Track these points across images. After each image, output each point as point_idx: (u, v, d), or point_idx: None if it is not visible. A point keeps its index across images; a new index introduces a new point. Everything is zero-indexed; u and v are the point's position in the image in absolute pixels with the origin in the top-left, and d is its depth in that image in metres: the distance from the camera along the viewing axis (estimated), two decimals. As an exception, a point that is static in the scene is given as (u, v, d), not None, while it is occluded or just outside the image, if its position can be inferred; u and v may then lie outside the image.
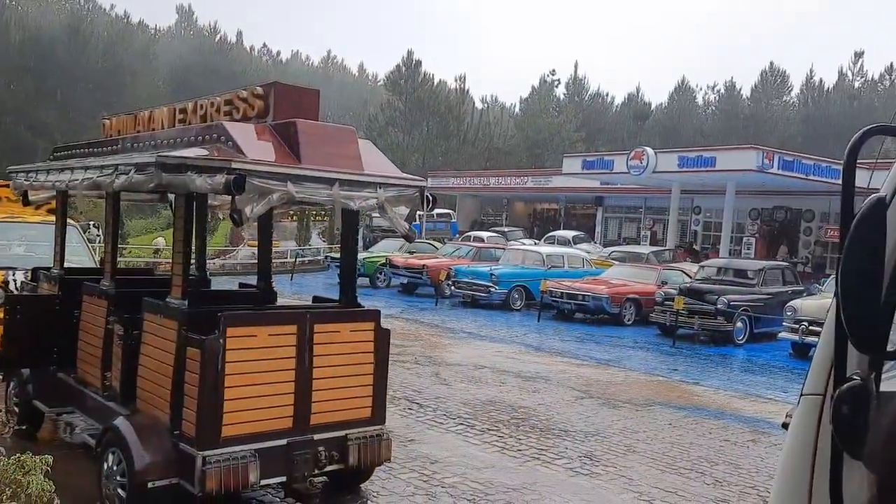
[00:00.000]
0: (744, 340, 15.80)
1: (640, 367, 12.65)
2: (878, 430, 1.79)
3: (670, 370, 12.66)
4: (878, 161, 2.30)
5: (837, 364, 1.89)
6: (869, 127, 1.88)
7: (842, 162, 1.84)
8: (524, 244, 29.33)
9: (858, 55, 62.50)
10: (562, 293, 18.09)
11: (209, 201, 6.66)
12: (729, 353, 15.04)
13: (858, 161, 1.86)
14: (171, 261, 5.45)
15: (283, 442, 4.95)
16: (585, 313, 18.19)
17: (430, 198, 5.40)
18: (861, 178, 2.28)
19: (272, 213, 6.11)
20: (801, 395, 2.21)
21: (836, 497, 1.93)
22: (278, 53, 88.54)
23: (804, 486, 2.12)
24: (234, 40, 76.70)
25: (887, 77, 59.48)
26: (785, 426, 2.40)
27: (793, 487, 2.17)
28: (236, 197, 4.37)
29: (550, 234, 34.20)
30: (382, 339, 5.44)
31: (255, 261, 7.73)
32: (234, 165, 4.38)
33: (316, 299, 6.22)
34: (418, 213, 6.50)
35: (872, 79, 61.32)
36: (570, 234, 33.58)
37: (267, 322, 5.01)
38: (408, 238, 5.44)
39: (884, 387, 2.08)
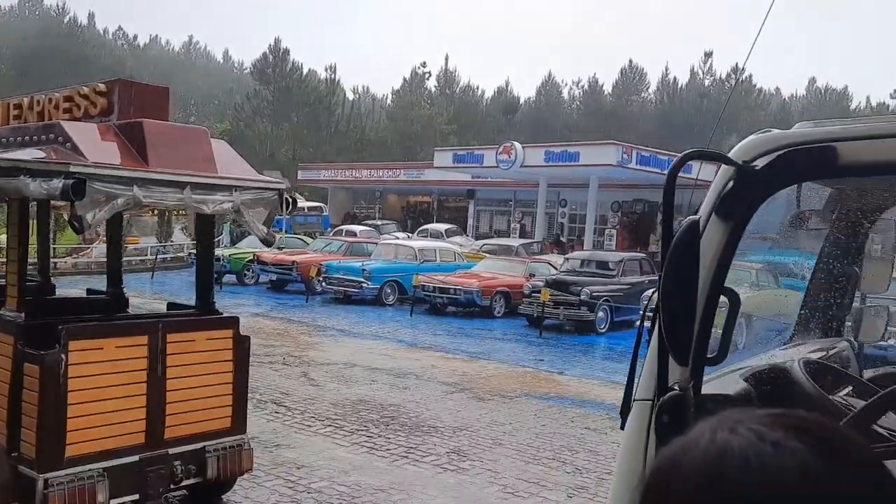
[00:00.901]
0: (605, 329, 16.53)
1: (508, 359, 12.97)
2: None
3: (537, 360, 13.06)
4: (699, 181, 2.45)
5: (659, 374, 2.00)
6: (687, 152, 2.00)
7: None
8: (397, 238, 29.40)
9: (708, 55, 66.87)
10: (434, 287, 18.27)
11: (52, 202, 6.24)
12: (592, 341, 15.70)
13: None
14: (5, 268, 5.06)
15: (136, 458, 4.72)
16: (457, 307, 18.44)
17: (290, 200, 5.29)
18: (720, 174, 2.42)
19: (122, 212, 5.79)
20: (634, 399, 2.33)
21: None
22: (135, 38, 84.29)
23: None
24: (85, 23, 72.17)
25: (733, 76, 63.79)
26: (623, 426, 2.53)
27: (627, 486, 2.29)
28: (76, 203, 4.11)
29: (423, 227, 34.44)
30: (242, 347, 5.28)
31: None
32: (72, 169, 4.11)
33: (171, 306, 5.96)
34: (278, 217, 6.27)
35: (720, 78, 65.68)
36: (442, 227, 33.92)
37: (115, 334, 4.75)
38: (266, 242, 5.31)
39: (707, 389, 2.24)
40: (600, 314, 16.44)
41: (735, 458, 0.63)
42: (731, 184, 2.07)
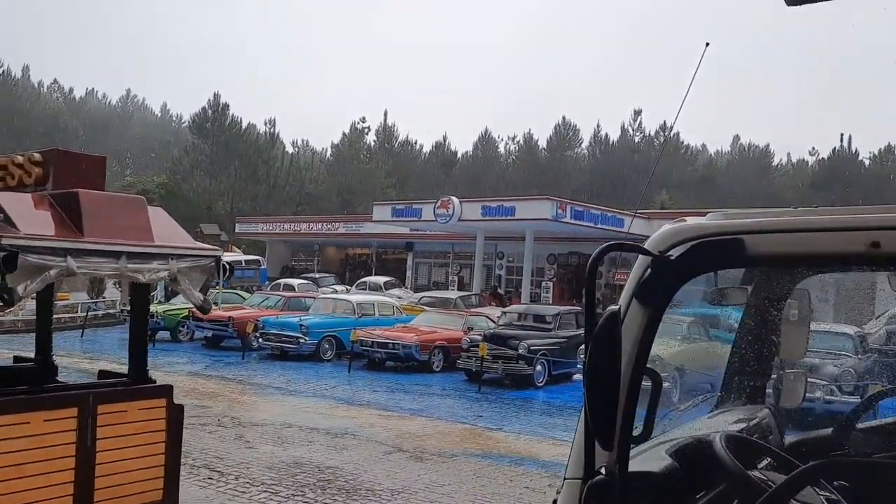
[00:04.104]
0: (543, 383, 16.67)
1: (446, 416, 12.95)
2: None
3: (475, 417, 13.07)
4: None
5: (587, 457, 2.09)
6: (607, 244, 2.13)
7: (630, 213, 2.09)
8: (336, 291, 29.24)
9: (637, 113, 69.30)
10: (372, 342, 18.18)
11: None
12: (530, 395, 15.80)
13: (639, 210, 2.12)
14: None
15: (62, 535, 4.56)
16: (396, 361, 18.35)
17: (227, 267, 5.29)
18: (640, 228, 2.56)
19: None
20: (564, 478, 2.41)
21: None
22: (71, 90, 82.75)
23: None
24: (19, 75, 70.70)
25: (662, 133, 66.26)
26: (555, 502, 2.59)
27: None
28: (7, 275, 4.04)
29: (362, 280, 34.38)
30: (175, 416, 5.19)
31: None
32: (4, 242, 4.05)
33: (102, 374, 5.83)
34: (214, 283, 6.29)
35: (650, 134, 68.13)
36: (381, 279, 33.93)
37: (43, 407, 4.62)
38: (202, 310, 5.27)
39: (635, 465, 2.33)
40: (538, 368, 16.60)
41: None
42: (648, 272, 2.21)
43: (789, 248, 2.14)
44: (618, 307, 2.02)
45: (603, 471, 2.04)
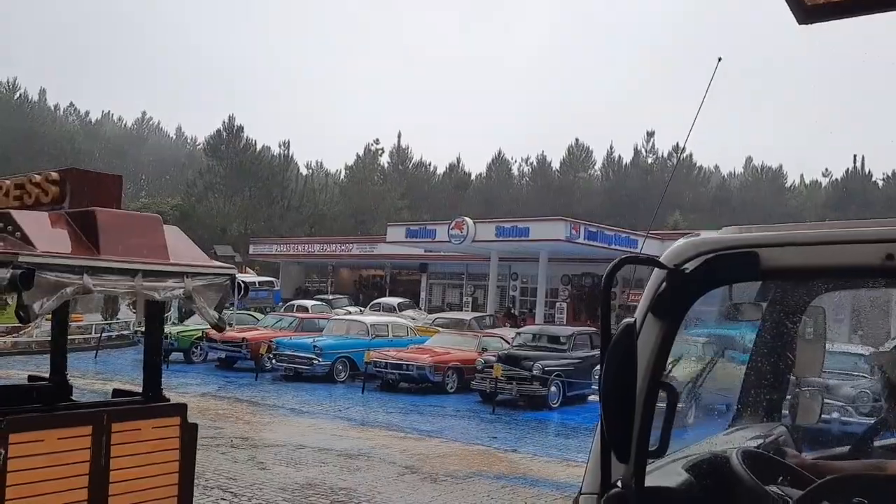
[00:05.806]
0: (558, 404, 16.55)
1: (461, 437, 12.88)
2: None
3: (490, 438, 12.99)
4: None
5: (602, 470, 2.07)
6: (621, 258, 2.13)
7: (643, 234, 2.09)
8: (350, 312, 29.25)
9: (650, 134, 69.30)
10: (386, 363, 18.15)
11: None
12: (545, 417, 15.70)
13: (652, 231, 2.11)
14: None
15: (75, 554, 4.55)
16: (409, 382, 18.31)
17: (242, 285, 5.32)
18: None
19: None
20: (580, 493, 2.39)
21: None
22: (87, 113, 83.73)
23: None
24: (35, 98, 71.75)
25: (675, 154, 66.21)
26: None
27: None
28: (24, 293, 4.08)
29: (376, 301, 34.37)
30: (189, 436, 5.19)
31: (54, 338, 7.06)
32: (21, 259, 4.09)
33: (116, 392, 5.85)
34: (229, 302, 6.41)
35: (662, 156, 68.05)
36: (395, 301, 33.91)
37: (58, 424, 4.64)
38: (217, 328, 5.29)
39: (651, 480, 2.31)
40: (553, 389, 16.49)
41: None
42: (663, 286, 2.21)
43: (803, 261, 2.13)
44: (633, 320, 2.02)
45: (619, 484, 2.03)
